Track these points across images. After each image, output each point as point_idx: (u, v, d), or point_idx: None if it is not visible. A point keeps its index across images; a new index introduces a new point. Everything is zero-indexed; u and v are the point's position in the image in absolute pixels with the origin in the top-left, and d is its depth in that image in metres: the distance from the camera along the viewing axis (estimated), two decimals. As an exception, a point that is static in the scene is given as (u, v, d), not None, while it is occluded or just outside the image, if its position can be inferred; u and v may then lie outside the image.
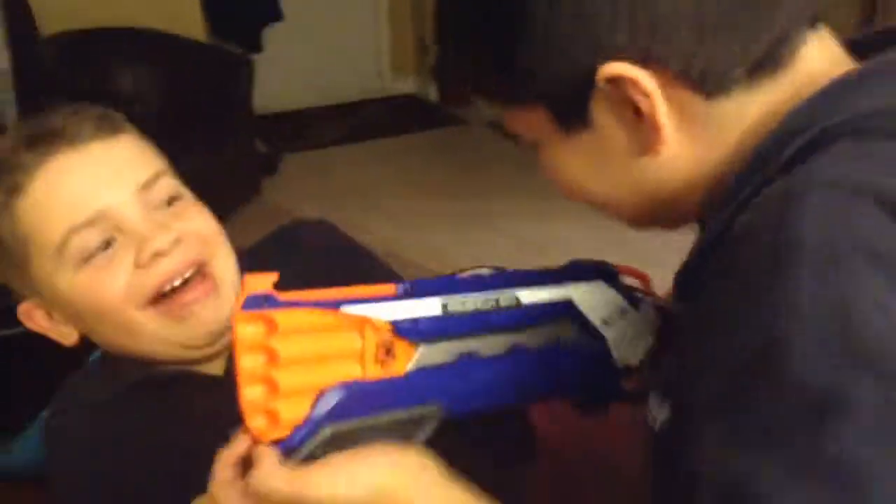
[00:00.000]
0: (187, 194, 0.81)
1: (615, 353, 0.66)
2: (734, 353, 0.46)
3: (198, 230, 0.78)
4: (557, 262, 0.70)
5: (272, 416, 0.53)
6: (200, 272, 0.77)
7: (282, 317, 0.52)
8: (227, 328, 0.76)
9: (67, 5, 3.32)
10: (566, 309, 0.64)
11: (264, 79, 3.50)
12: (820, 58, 0.56)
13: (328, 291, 0.56)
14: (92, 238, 0.74)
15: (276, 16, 3.99)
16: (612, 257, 0.73)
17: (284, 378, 0.52)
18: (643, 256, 1.10)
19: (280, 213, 3.46)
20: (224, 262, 0.80)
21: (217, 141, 3.33)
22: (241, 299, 0.52)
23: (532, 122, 0.60)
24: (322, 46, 4.51)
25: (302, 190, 3.63)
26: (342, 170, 3.93)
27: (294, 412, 0.53)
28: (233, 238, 0.83)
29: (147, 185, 0.77)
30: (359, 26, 4.68)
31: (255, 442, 0.54)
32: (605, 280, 0.68)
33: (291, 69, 4.37)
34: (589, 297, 0.66)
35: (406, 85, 4.91)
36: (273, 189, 3.62)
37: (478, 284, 0.62)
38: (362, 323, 0.55)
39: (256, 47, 3.94)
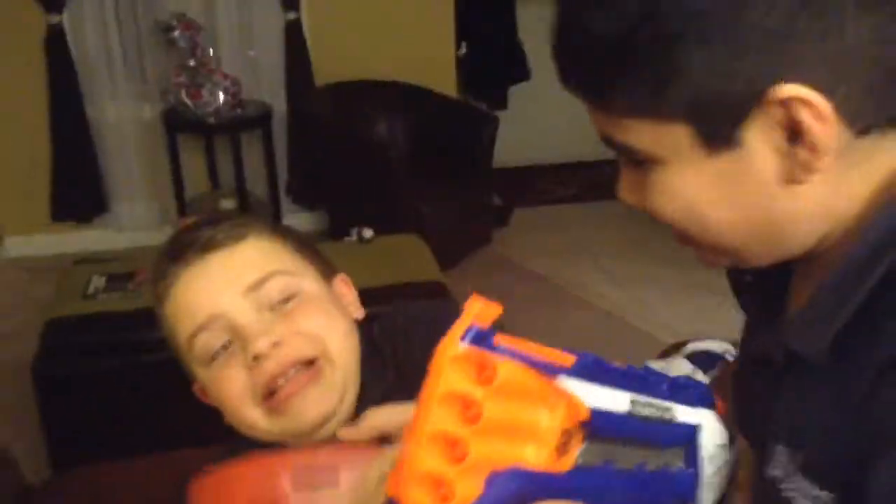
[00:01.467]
0: (306, 291, 0.82)
1: (702, 494, 0.61)
2: None
3: (304, 328, 0.80)
4: None
5: (442, 493, 0.42)
6: (307, 367, 0.79)
7: (504, 368, 0.42)
8: (333, 415, 0.79)
9: (340, 59, 3.67)
10: (690, 435, 0.60)
11: (503, 134, 3.65)
12: None
13: (529, 346, 0.46)
14: (210, 340, 0.79)
15: (523, 76, 4.15)
16: None
17: (477, 448, 0.42)
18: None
19: (508, 264, 3.58)
20: (336, 354, 0.81)
21: (457, 190, 3.52)
22: (460, 329, 0.42)
23: (666, 137, 0.56)
24: (561, 106, 4.58)
25: (530, 244, 3.73)
26: (571, 227, 3.99)
27: (467, 491, 0.42)
28: (460, 282, 0.86)
29: (255, 287, 0.80)
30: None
31: None
32: (714, 409, 0.64)
33: (530, 126, 4.52)
34: (709, 428, 0.61)
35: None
36: (503, 241, 3.75)
37: (644, 384, 0.55)
38: (560, 400, 0.46)
39: (503, 105, 4.12)
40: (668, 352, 1.76)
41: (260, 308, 0.80)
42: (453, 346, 0.42)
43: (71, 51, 3.52)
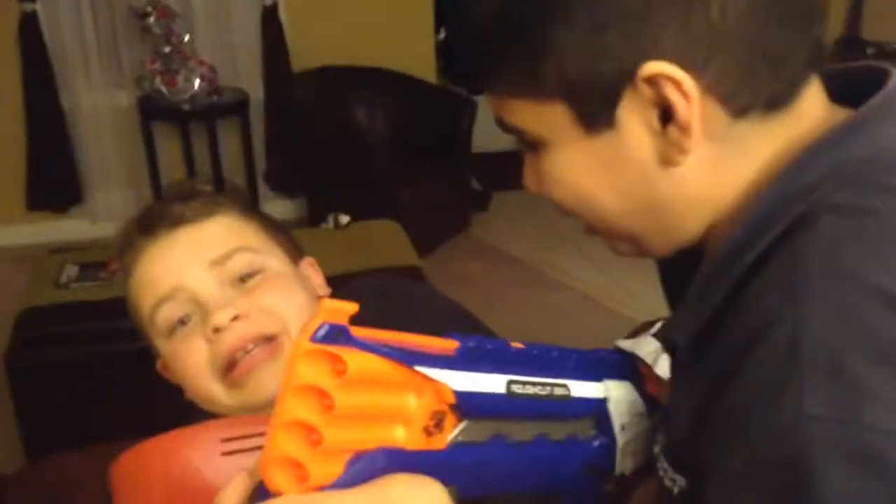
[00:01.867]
0: (271, 269, 0.84)
1: (617, 460, 0.63)
2: (754, 464, 0.47)
3: (265, 304, 0.80)
4: None
5: (300, 473, 0.45)
6: (267, 343, 0.80)
7: (353, 360, 0.45)
8: None
9: (318, 46, 3.65)
10: (597, 407, 0.62)
11: (482, 119, 3.65)
12: (815, 103, 0.57)
13: (398, 337, 0.49)
14: (172, 311, 0.80)
15: (502, 60, 4.13)
16: None
17: (331, 433, 0.45)
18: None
19: (487, 248, 3.58)
20: (295, 330, 0.80)
21: (437, 175, 3.51)
22: (314, 325, 0.44)
23: (547, 117, 0.56)
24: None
25: (510, 229, 3.73)
26: (549, 212, 3.94)
27: (325, 473, 0.45)
28: (438, 267, 0.87)
29: (219, 261, 0.81)
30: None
31: (269, 493, 0.46)
32: (634, 380, 0.66)
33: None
34: (620, 400, 0.63)
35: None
36: (482, 225, 3.75)
37: (536, 363, 0.57)
38: (426, 385, 0.49)
39: (481, 90, 4.10)
40: (638, 331, 1.76)
41: (223, 283, 0.81)
42: (305, 343, 0.44)
43: (45, 39, 3.48)
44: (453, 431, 0.51)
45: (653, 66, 0.52)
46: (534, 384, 0.56)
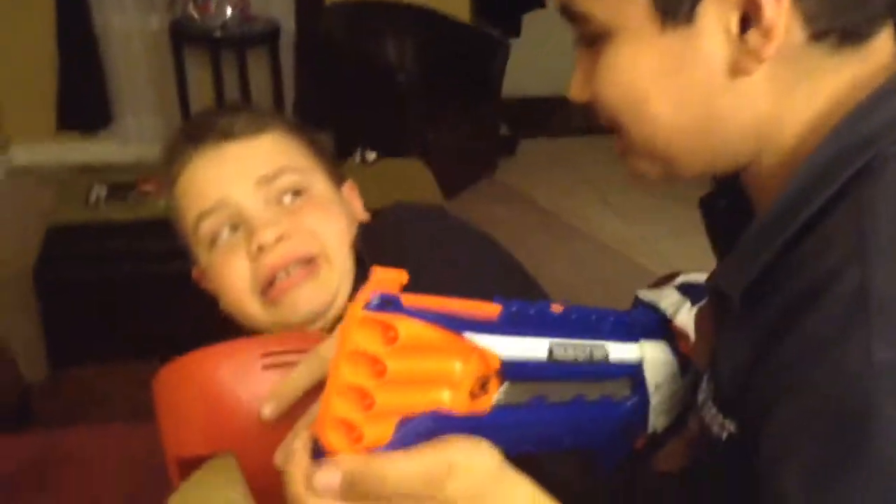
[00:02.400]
0: (314, 190, 0.85)
1: (651, 419, 0.65)
2: (814, 409, 0.48)
3: (308, 226, 0.82)
4: None
5: (354, 435, 0.47)
6: (306, 263, 0.82)
7: (404, 327, 0.46)
8: (326, 311, 0.82)
9: (352, -23, 3.59)
10: (634, 368, 0.63)
11: (514, 63, 3.60)
12: (886, 48, 0.55)
13: (445, 303, 0.50)
14: (216, 224, 0.82)
15: (538, 2, 4.07)
16: None
17: (383, 397, 0.47)
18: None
19: (512, 194, 3.57)
20: (334, 253, 0.83)
21: (465, 116, 3.49)
22: (366, 295, 0.46)
23: (622, 3, 0.54)
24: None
25: (536, 175, 3.71)
26: (577, 160, 3.96)
27: (377, 434, 0.48)
28: (462, 210, 0.87)
29: (266, 180, 0.82)
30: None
31: (325, 453, 0.48)
32: (669, 340, 0.66)
33: (542, 56, 4.44)
34: (654, 360, 0.64)
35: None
36: (508, 171, 3.73)
37: (576, 326, 0.58)
38: (472, 352, 0.50)
39: (516, 32, 4.05)
40: (660, 282, 1.76)
41: (268, 201, 0.82)
42: (359, 311, 0.46)
43: (78, -43, 3.46)
44: (496, 394, 0.52)
45: None
46: (574, 347, 0.57)
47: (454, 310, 0.51)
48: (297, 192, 0.84)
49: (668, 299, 1.81)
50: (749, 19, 0.52)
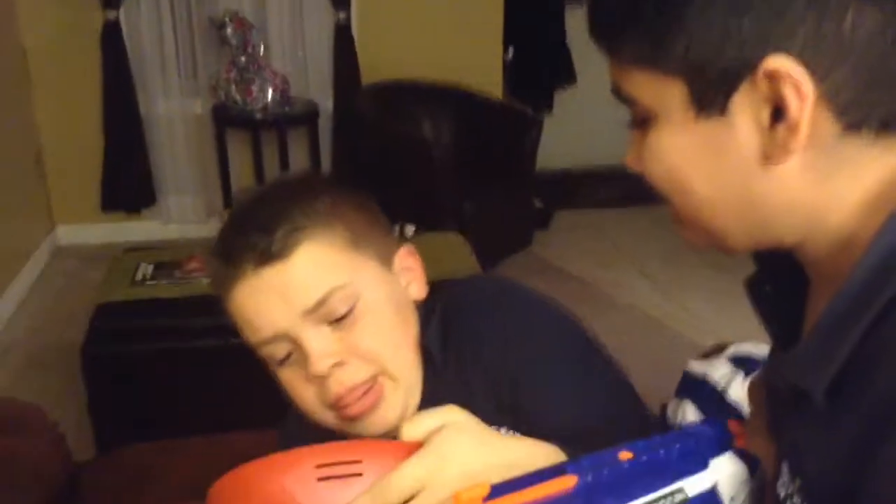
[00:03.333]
0: (364, 299, 0.82)
1: None
2: None
3: (364, 347, 0.81)
4: None
5: None
6: (369, 388, 0.82)
7: None
8: (399, 423, 0.80)
9: (388, 60, 3.71)
10: (710, 494, 0.64)
11: (548, 137, 3.66)
12: None
13: (526, 496, 0.54)
14: (276, 351, 0.81)
15: (569, 79, 4.15)
16: None
17: None
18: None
19: (548, 266, 3.58)
20: (397, 371, 0.83)
21: (500, 191, 3.53)
22: None
23: (664, 93, 0.57)
24: (606, 110, 4.60)
25: (571, 248, 3.72)
26: (612, 231, 3.97)
27: None
28: None
29: (314, 308, 0.80)
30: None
31: None
32: (731, 445, 0.66)
33: (575, 130, 4.51)
34: (726, 476, 0.65)
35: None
36: (543, 243, 3.75)
37: (648, 471, 0.60)
38: None
39: (549, 108, 4.12)
40: (709, 353, 1.74)
41: (319, 323, 0.81)
42: None
43: (126, 46, 3.60)
44: None
45: (777, 61, 0.52)
46: (659, 498, 0.58)
47: (534, 496, 0.54)
48: (347, 309, 0.81)
49: (719, 371, 1.78)
50: (780, 111, 0.54)
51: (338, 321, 0.81)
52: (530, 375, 0.83)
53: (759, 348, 1.74)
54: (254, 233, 0.82)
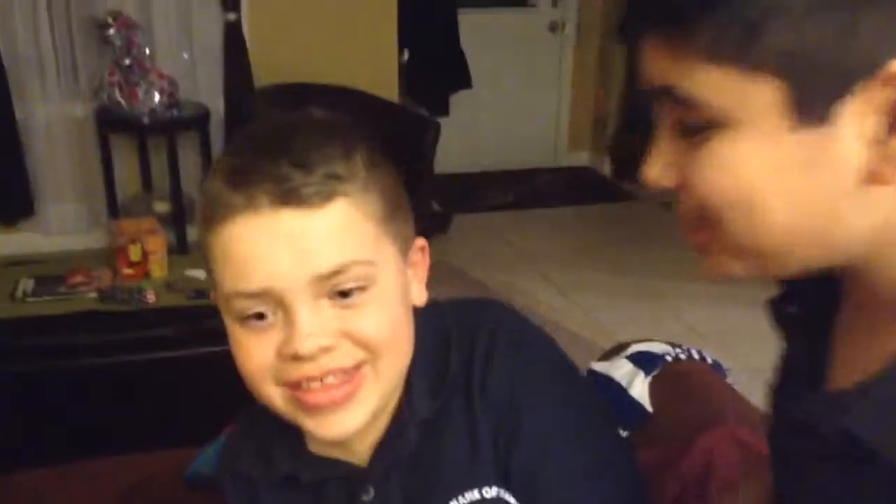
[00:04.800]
0: (379, 284, 0.69)
1: None
2: None
3: (361, 331, 0.69)
4: (726, 347, 0.63)
5: None
6: (347, 376, 0.70)
7: None
8: (355, 434, 0.72)
9: (280, 61, 3.62)
10: None
11: (443, 141, 3.66)
12: None
13: None
14: (252, 306, 0.68)
15: (465, 83, 4.18)
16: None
17: None
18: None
19: (448, 271, 3.58)
20: (386, 366, 0.71)
21: (398, 196, 3.50)
22: None
23: (749, 94, 0.48)
24: (503, 115, 4.68)
25: (471, 251, 3.74)
26: (511, 235, 4.01)
27: None
28: None
29: (323, 278, 0.66)
30: (541, 100, 4.82)
31: None
32: None
33: (470, 133, 4.55)
34: None
35: (581, 159, 4.99)
36: (443, 248, 3.75)
37: None
38: None
39: (444, 112, 4.13)
40: (610, 354, 1.77)
41: (320, 295, 0.67)
42: None
43: (-1, 47, 3.40)
44: None
45: None
46: None
47: None
48: (357, 288, 0.68)
49: (620, 370, 1.81)
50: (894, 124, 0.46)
51: (342, 296, 0.67)
52: (541, 445, 0.74)
53: (658, 346, 1.78)
54: (284, 162, 0.66)
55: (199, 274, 2.59)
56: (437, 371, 0.76)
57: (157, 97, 3.37)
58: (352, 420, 0.71)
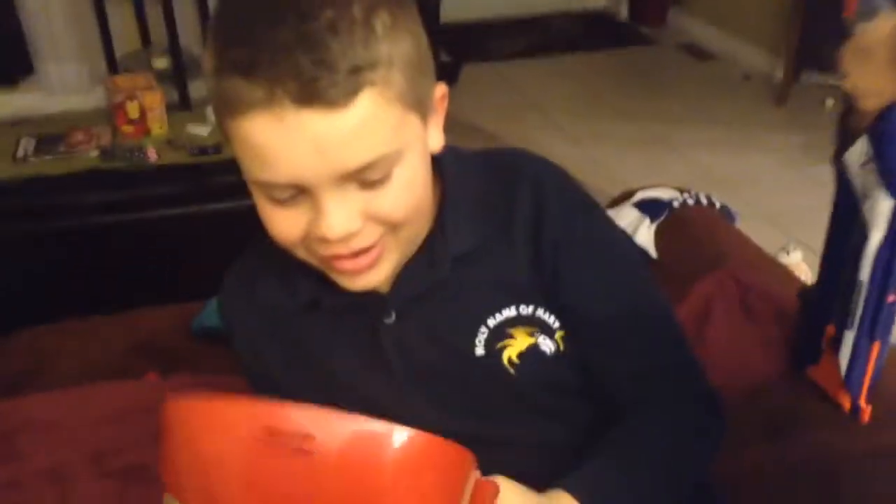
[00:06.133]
0: (403, 168, 0.69)
1: None
2: None
3: (386, 213, 0.70)
4: (739, 192, 0.63)
5: None
6: (374, 246, 0.72)
7: None
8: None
9: None
10: None
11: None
12: None
13: None
14: (279, 193, 0.68)
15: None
16: (798, 192, 0.66)
17: None
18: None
19: (456, 122, 3.51)
20: (407, 230, 0.74)
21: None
22: None
23: None
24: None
25: (481, 102, 3.65)
26: (523, 84, 3.90)
27: None
28: None
29: (354, 174, 0.66)
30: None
31: None
32: None
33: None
34: None
35: (598, 1, 4.77)
36: (452, 99, 3.64)
37: None
38: None
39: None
40: (617, 201, 1.75)
41: (346, 183, 0.67)
42: None
43: None
44: None
45: None
46: None
47: None
48: (383, 176, 0.68)
49: (626, 218, 1.79)
50: None
51: (369, 183, 0.68)
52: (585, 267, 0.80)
53: (664, 192, 1.76)
54: (303, 57, 0.61)
55: (202, 131, 2.55)
56: (476, 210, 0.79)
57: (147, -55, 3.21)
58: (375, 277, 0.74)
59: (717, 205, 1.69)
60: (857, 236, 1.02)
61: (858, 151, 0.97)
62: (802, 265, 1.95)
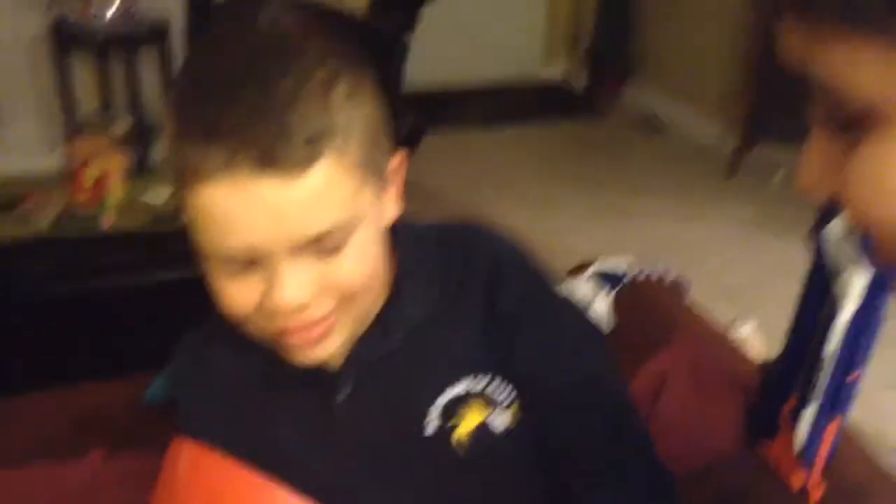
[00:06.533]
0: (357, 239, 0.70)
1: None
2: None
3: (340, 282, 0.70)
4: (691, 264, 0.65)
5: None
6: (327, 319, 0.72)
7: None
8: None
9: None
10: None
11: (413, 55, 3.57)
12: None
13: None
14: (233, 264, 0.69)
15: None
16: (748, 264, 0.68)
17: None
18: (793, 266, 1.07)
19: (417, 188, 3.54)
20: (360, 300, 0.73)
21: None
22: None
23: None
24: (476, 27, 4.56)
25: (440, 168, 3.69)
26: (482, 151, 3.96)
27: None
28: None
29: (310, 242, 0.67)
30: (515, 9, 4.69)
31: None
32: None
33: (442, 47, 4.43)
34: None
35: (555, 72, 4.89)
36: (412, 165, 3.67)
37: None
38: None
39: (412, 26, 4.00)
40: (574, 272, 1.77)
41: (301, 252, 0.67)
42: None
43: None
44: None
45: None
46: None
47: None
48: (339, 245, 0.69)
49: (583, 289, 1.80)
50: None
51: (325, 251, 0.68)
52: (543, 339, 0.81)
53: (620, 264, 1.78)
54: (260, 124, 0.62)
55: (160, 197, 2.53)
56: (430, 282, 0.80)
57: (110, 11, 3.23)
58: (325, 350, 0.74)
59: (671, 277, 1.72)
60: (826, 311, 1.04)
61: (841, 225, 0.99)
62: (753, 339, 1.98)
